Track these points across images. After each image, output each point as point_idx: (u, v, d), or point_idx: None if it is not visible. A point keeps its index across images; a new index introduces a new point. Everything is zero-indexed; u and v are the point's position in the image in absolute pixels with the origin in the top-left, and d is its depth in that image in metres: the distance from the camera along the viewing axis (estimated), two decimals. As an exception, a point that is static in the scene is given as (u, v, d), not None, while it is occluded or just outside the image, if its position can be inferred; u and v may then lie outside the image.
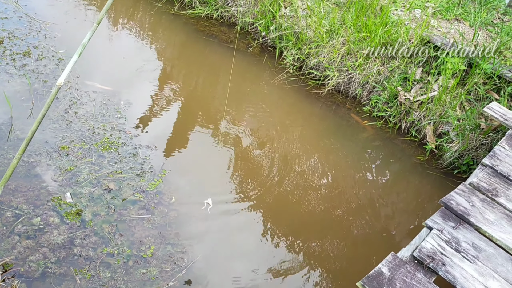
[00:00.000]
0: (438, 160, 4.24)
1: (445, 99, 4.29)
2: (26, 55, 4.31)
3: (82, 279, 2.75)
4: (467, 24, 5.13)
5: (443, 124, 4.33)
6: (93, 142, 3.62)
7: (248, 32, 5.47)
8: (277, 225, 3.42)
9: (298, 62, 5.04)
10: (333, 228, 3.53)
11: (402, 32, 4.68)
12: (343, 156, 4.19)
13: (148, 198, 3.33)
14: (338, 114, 4.66)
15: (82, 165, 3.41)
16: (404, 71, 4.64)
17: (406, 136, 4.46)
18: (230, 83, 4.53)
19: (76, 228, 3.00)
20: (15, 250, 2.80)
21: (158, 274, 2.88)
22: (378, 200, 3.84)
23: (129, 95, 4.19)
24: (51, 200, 3.12)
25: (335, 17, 4.91)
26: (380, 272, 2.42)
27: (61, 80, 1.92)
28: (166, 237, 3.11)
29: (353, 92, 4.78)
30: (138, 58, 4.81)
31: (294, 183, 3.78)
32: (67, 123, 3.72)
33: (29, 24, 4.76)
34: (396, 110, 4.50)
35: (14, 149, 3.38)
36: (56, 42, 4.61)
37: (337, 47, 4.75)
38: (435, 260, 2.55)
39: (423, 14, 5.17)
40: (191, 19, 5.54)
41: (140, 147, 3.69)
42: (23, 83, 3.97)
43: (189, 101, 4.34)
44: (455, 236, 2.73)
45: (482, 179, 3.20)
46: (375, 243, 3.50)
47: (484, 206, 2.97)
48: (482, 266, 2.59)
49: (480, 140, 4.08)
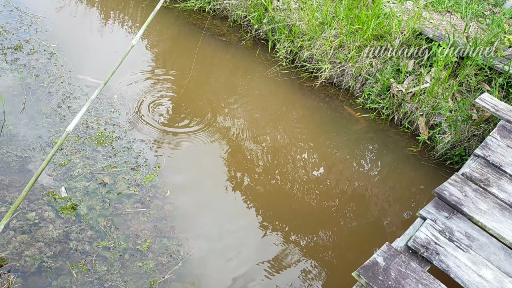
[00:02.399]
0: (430, 151, 4.28)
1: (437, 90, 4.33)
2: (17, 49, 4.27)
3: (79, 273, 2.76)
4: (458, 16, 5.16)
5: (436, 116, 4.37)
6: (87, 136, 3.60)
7: (241, 25, 5.46)
8: (269, 217, 3.44)
9: (291, 55, 5.04)
10: (325, 219, 3.55)
11: (394, 24, 4.70)
12: (336, 148, 4.21)
13: (143, 192, 3.33)
14: (331, 106, 4.68)
15: (76, 160, 3.40)
16: (397, 63, 4.66)
17: (399, 128, 4.49)
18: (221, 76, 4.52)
19: (71, 222, 3.00)
20: (10, 245, 2.80)
21: (155, 267, 2.89)
22: (371, 191, 3.87)
23: (122, 89, 4.17)
24: (46, 194, 3.11)
25: (327, 9, 4.91)
26: (375, 262, 2.45)
27: (71, 127, 1.92)
28: (162, 230, 3.12)
29: (346, 84, 4.80)
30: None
31: (286, 175, 3.80)
32: (61, 117, 3.70)
33: (19, 18, 4.71)
34: (389, 102, 4.53)
35: (7, 144, 3.36)
36: (48, 36, 4.57)
37: (329, 39, 4.76)
38: (429, 250, 2.59)
39: (415, 6, 5.19)
40: (184, 12, 5.51)
41: (134, 141, 3.68)
42: (15, 78, 3.94)
43: (182, 94, 4.34)
44: (449, 226, 2.77)
45: (474, 170, 3.24)
46: (369, 234, 3.53)
47: (476, 196, 3.01)
48: (475, 255, 2.63)
49: (472, 131, 4.12)
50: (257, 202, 3.52)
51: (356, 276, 2.40)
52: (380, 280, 2.37)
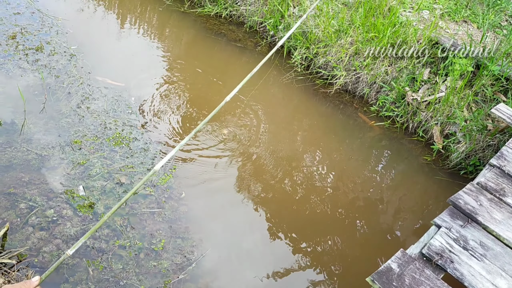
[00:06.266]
0: (444, 161, 4.27)
1: (453, 100, 4.33)
2: (38, 50, 4.36)
3: (95, 270, 2.80)
4: (475, 26, 5.16)
5: (450, 125, 4.36)
6: (105, 136, 3.66)
7: (257, 31, 5.51)
8: (282, 222, 3.46)
9: (306, 61, 5.08)
10: (338, 227, 3.56)
11: (410, 33, 4.72)
12: (350, 155, 4.22)
13: (158, 192, 3.37)
14: (345, 113, 4.69)
15: (94, 159, 3.46)
16: (412, 72, 4.67)
17: (413, 136, 4.49)
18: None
19: (88, 220, 3.05)
20: (29, 241, 2.85)
21: (169, 266, 2.93)
22: (384, 199, 3.87)
23: (140, 91, 4.24)
24: (64, 192, 3.17)
25: (344, 17, 4.95)
26: (389, 268, 2.46)
27: (158, 167, 1.98)
28: (176, 231, 3.16)
29: (360, 91, 4.82)
30: (147, 55, 4.86)
31: (299, 182, 3.82)
32: (80, 117, 3.76)
33: (41, 20, 4.81)
34: (404, 110, 4.54)
35: (27, 143, 3.43)
36: (68, 38, 4.66)
37: (345, 46, 4.79)
38: (444, 258, 2.59)
39: (431, 15, 5.20)
40: (200, 17, 5.58)
41: (151, 142, 3.73)
42: (36, 78, 4.02)
43: (198, 98, 4.39)
44: (463, 234, 2.77)
45: (489, 179, 3.23)
46: (381, 242, 3.54)
47: (491, 205, 3.00)
48: (490, 264, 2.63)
49: (487, 141, 4.11)
50: (270, 207, 3.55)
51: (370, 282, 2.41)
52: (394, 286, 2.37)
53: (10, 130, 3.50)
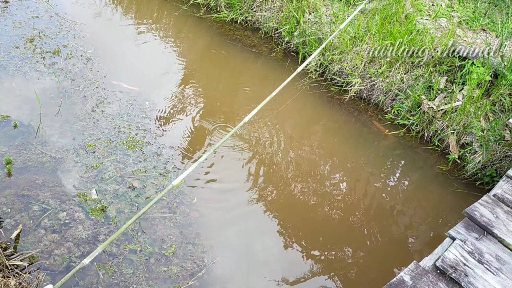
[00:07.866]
0: (460, 171, 4.20)
1: (470, 109, 4.26)
2: (55, 53, 4.41)
3: (105, 274, 2.80)
4: (493, 34, 5.08)
5: (467, 135, 4.29)
6: (118, 140, 3.69)
7: (272, 37, 5.50)
8: (294, 230, 3.44)
9: (321, 68, 5.05)
10: (350, 235, 3.52)
11: (427, 40, 4.67)
12: (364, 163, 4.18)
13: (170, 197, 3.37)
14: (360, 121, 4.65)
15: (107, 163, 3.48)
16: (428, 80, 4.62)
17: (429, 145, 4.43)
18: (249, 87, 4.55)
19: (100, 224, 3.06)
20: (41, 243, 2.87)
21: (179, 272, 2.92)
22: (397, 208, 3.82)
23: (154, 96, 4.26)
24: (77, 196, 3.19)
25: (359, 24, 4.91)
26: (402, 281, 2.42)
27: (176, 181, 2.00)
28: (187, 236, 3.15)
29: (375, 99, 4.77)
30: (162, 59, 4.88)
31: (312, 189, 3.79)
32: (94, 121, 3.79)
33: (59, 24, 4.88)
34: (419, 118, 4.48)
35: (42, 145, 3.46)
36: (85, 42, 4.71)
37: (360, 54, 4.76)
38: (458, 271, 2.54)
39: (449, 23, 5.14)
40: (216, 23, 5.60)
41: (164, 147, 3.74)
42: (52, 81, 4.07)
43: (212, 103, 4.39)
44: (478, 247, 2.71)
45: (506, 191, 3.16)
46: (393, 252, 3.48)
47: (508, 218, 2.93)
48: (506, 278, 2.57)
49: (504, 152, 4.03)
50: (282, 214, 3.52)
51: (382, 294, 2.37)
52: (407, 298, 2.33)
53: (26, 132, 3.54)
